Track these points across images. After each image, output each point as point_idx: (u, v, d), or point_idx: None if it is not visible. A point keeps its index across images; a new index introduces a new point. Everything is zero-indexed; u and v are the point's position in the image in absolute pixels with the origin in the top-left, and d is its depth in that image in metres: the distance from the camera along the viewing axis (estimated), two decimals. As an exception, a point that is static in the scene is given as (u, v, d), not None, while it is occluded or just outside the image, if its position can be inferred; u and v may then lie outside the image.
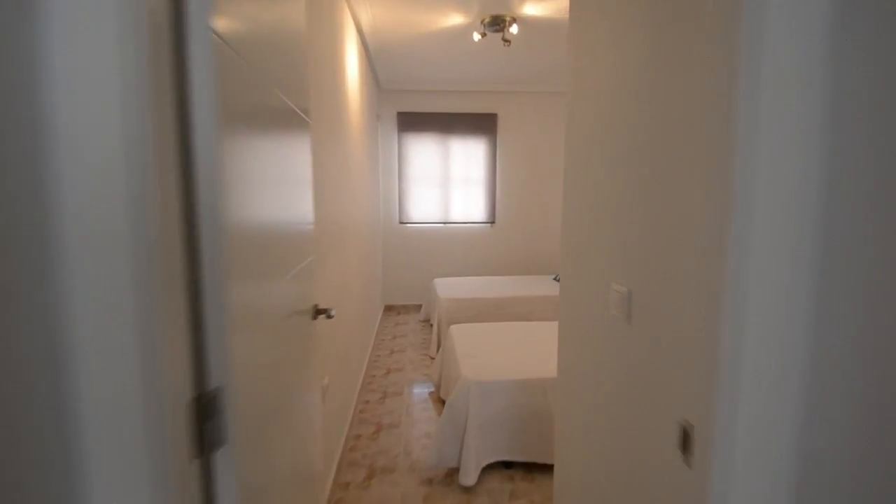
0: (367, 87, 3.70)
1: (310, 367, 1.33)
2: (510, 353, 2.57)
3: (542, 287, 4.26)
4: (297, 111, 1.17)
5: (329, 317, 1.36)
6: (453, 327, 3.03)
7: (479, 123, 4.85)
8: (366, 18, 3.06)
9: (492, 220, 5.07)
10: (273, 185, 0.93)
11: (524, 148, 5.00)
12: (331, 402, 2.04)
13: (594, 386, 1.30)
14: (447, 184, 4.94)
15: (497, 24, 3.01)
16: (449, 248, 5.09)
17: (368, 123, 3.75)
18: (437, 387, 3.06)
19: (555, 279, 4.53)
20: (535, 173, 5.06)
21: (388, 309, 5.10)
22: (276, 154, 0.97)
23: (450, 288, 4.19)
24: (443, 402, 2.90)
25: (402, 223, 4.97)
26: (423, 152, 4.86)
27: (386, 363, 3.59)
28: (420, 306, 5.04)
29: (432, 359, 3.69)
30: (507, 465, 2.29)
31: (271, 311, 0.93)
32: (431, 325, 4.20)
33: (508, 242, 5.16)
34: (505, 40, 3.08)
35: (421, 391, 3.12)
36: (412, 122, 4.78)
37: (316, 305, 1.38)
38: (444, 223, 5.02)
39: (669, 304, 0.92)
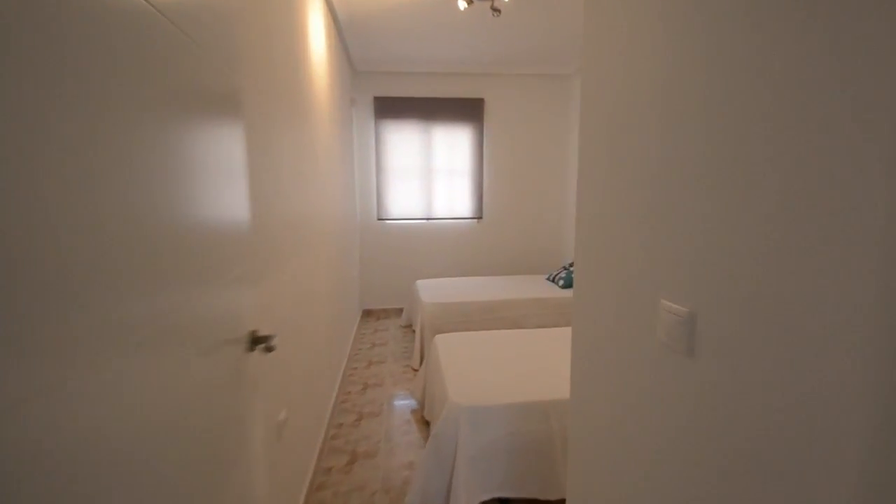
0: (338, 67, 3.29)
1: (247, 410, 0.95)
2: (504, 369, 2.21)
3: (535, 288, 3.92)
4: (223, 88, 0.79)
5: (269, 349, 0.98)
6: (438, 338, 2.66)
7: (465, 109, 4.47)
8: (333, -18, 2.65)
9: (479, 216, 4.71)
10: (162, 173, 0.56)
11: (514, 136, 4.64)
12: (292, 436, 1.66)
13: (626, 428, 0.95)
14: (430, 176, 4.55)
15: (485, -11, 2.64)
16: (432, 246, 4.71)
17: (341, 108, 3.34)
18: (421, 404, 2.69)
19: (549, 279, 4.20)
20: (526, 164, 4.71)
21: (367, 314, 4.70)
22: (170, 138, 0.59)
23: (434, 291, 3.82)
24: (427, 423, 2.53)
25: (380, 220, 4.57)
26: (403, 141, 4.46)
27: (363, 377, 3.20)
28: (401, 310, 4.66)
29: (415, 371, 3.31)
30: (504, 502, 1.94)
31: (158, 343, 0.55)
32: (414, 331, 3.82)
33: (497, 240, 4.80)
34: (494, 9, 2.70)
35: (402, 410, 2.74)
36: (390, 107, 4.37)
37: (254, 332, 0.99)
38: (427, 219, 4.63)
39: (776, 342, 0.57)
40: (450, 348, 2.47)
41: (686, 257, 0.77)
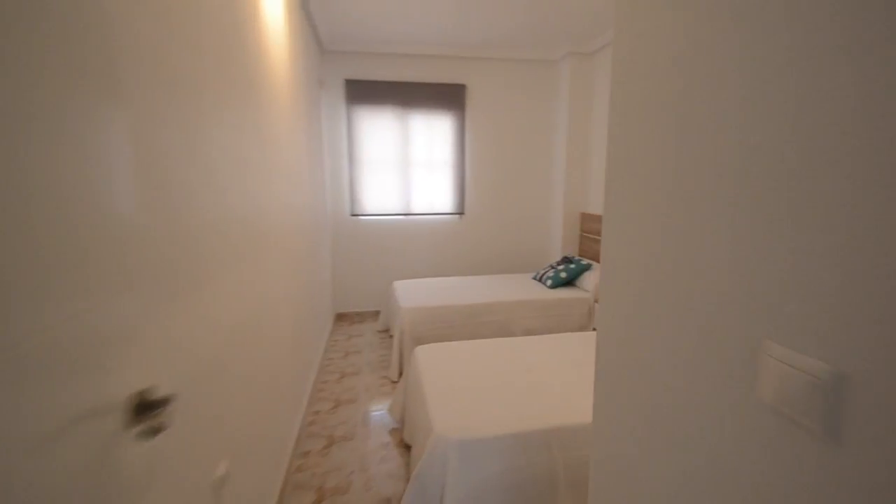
0: (302, 43, 2.91)
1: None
2: (495, 388, 1.92)
3: (522, 289, 3.64)
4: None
5: (155, 430, 0.64)
6: (419, 350, 2.34)
7: (445, 96, 4.14)
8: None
9: (461, 211, 4.39)
10: None
11: (498, 125, 4.34)
12: (239, 488, 1.32)
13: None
14: (407, 168, 4.20)
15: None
16: (411, 244, 4.38)
17: (306, 91, 2.96)
18: (401, 422, 2.37)
19: (536, 278, 3.93)
20: (511, 155, 4.42)
21: (340, 318, 4.34)
22: None
23: (413, 293, 3.49)
24: (408, 448, 2.22)
25: (354, 216, 4.20)
26: (378, 129, 4.09)
27: (334, 392, 2.86)
28: (378, 313, 4.32)
29: (394, 383, 2.99)
30: (499, 548, 1.65)
31: None
32: (392, 336, 3.50)
33: (480, 237, 4.50)
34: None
35: (379, 431, 2.42)
36: (364, 92, 3.99)
37: (142, 395, 0.66)
38: (405, 215, 4.30)
39: None
40: (432, 363, 2.16)
41: (830, 280, 0.47)
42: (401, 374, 3.04)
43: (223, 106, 1.28)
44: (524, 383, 1.94)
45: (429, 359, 2.21)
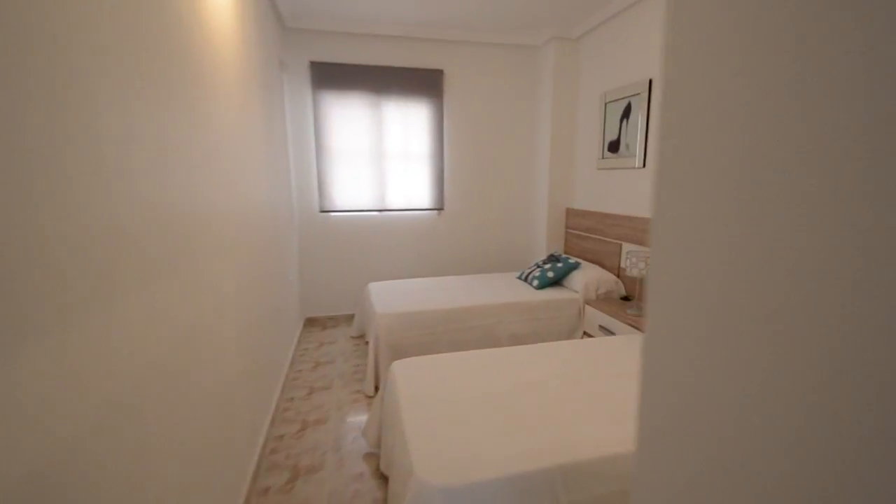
0: (257, 17, 2.55)
1: None
2: (487, 414, 1.65)
3: (507, 290, 3.39)
4: None
5: None
6: (396, 366, 2.06)
7: (422, 81, 3.82)
8: None
9: (440, 207, 4.11)
10: None
11: (478, 114, 4.06)
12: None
13: None
14: (381, 160, 3.88)
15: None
16: (386, 242, 4.06)
17: (263, 72, 2.61)
18: (378, 447, 2.09)
19: (521, 278, 3.68)
20: (494, 147, 4.15)
21: (311, 323, 4.00)
22: None
23: (389, 296, 3.20)
24: (385, 479, 1.94)
25: (323, 212, 3.86)
26: (349, 118, 3.74)
27: (301, 411, 2.54)
28: (352, 316, 4.00)
29: (370, 398, 2.70)
30: None
31: None
32: (367, 343, 3.20)
33: (461, 234, 4.23)
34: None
35: (352, 459, 2.12)
36: (332, 75, 3.63)
37: None
38: (380, 211, 3.98)
39: None
40: (411, 383, 1.87)
41: None
42: (377, 388, 2.75)
43: (134, 81, 0.95)
44: (518, 407, 1.68)
45: (407, 377, 1.92)
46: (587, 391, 1.79)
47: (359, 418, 2.47)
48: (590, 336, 3.04)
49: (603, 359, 2.15)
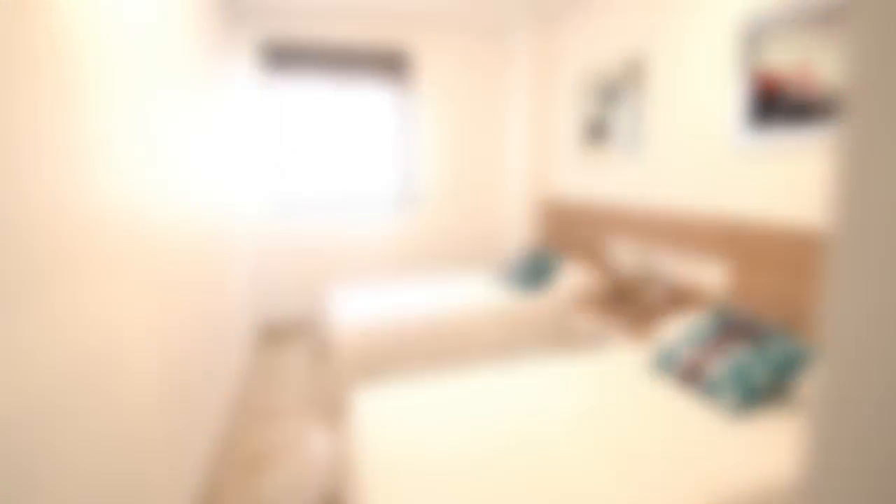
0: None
1: None
2: (480, 476, 1.30)
3: (486, 291, 3.07)
4: None
5: None
6: (362, 402, 1.68)
7: (386, 64, 3.44)
8: None
9: (407, 200, 3.75)
10: None
11: (449, 100, 3.71)
12: None
13: None
14: (341, 152, 3.47)
15: None
16: (349, 242, 3.67)
17: (200, 53, 2.17)
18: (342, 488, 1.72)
19: (498, 278, 3.37)
20: (464, 135, 3.82)
21: (265, 337, 3.56)
22: None
23: (353, 304, 2.82)
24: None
25: (276, 210, 3.43)
26: (304, 104, 3.32)
27: (247, 450, 2.14)
28: (311, 327, 3.59)
29: (330, 430, 2.33)
30: None
31: None
32: (329, 357, 2.81)
33: (431, 229, 3.88)
34: None
35: (308, 511, 1.75)
36: (284, 57, 3.20)
37: None
38: (340, 207, 3.58)
39: None
40: (378, 428, 1.51)
41: None
42: (339, 414, 2.37)
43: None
44: (519, 463, 1.34)
45: (374, 420, 1.56)
46: (598, 436, 1.47)
47: (316, 455, 2.10)
48: (578, 345, 2.77)
49: (611, 389, 1.84)
